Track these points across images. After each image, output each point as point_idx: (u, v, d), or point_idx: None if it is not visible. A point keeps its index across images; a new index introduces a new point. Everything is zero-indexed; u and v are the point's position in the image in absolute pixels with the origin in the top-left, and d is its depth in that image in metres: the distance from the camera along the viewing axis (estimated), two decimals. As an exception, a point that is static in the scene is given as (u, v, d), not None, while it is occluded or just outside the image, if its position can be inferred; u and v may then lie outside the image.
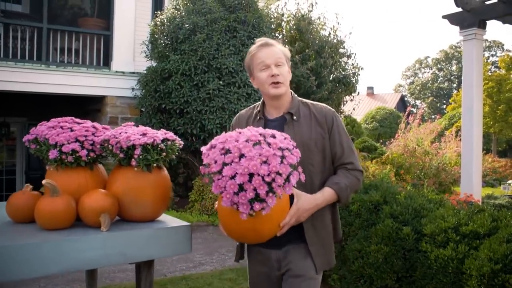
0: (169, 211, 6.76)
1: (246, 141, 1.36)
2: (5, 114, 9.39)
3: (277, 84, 1.80)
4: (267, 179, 1.29)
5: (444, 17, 6.60)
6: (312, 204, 1.68)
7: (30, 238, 1.51)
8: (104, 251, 1.58)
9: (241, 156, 1.31)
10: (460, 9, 6.31)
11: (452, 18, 6.49)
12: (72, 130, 1.75)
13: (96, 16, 8.99)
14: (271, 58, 1.80)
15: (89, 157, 1.73)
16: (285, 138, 1.47)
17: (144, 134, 1.72)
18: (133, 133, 1.71)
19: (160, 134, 1.75)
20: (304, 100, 1.91)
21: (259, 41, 1.87)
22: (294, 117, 1.81)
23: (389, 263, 3.51)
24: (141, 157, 1.67)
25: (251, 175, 1.28)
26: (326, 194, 1.73)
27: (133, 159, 1.67)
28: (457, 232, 3.28)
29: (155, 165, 1.72)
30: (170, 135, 1.78)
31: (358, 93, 9.61)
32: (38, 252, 1.47)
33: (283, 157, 1.36)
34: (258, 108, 1.90)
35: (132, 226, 1.72)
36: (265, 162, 1.31)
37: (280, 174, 1.32)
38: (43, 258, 1.47)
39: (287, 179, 1.35)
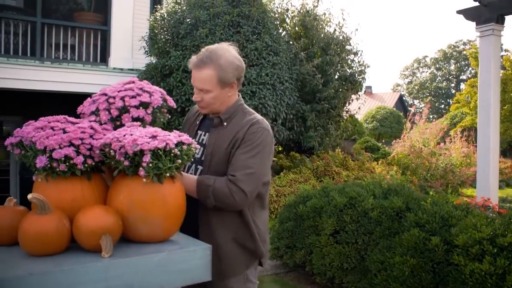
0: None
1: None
2: (-3, 113, 9.03)
3: (200, 107, 1.85)
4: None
5: (459, 12, 6.29)
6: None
7: (10, 269, 1.19)
8: (106, 283, 1.26)
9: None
10: (476, 4, 6.00)
11: (467, 13, 6.19)
12: (65, 132, 1.42)
13: (93, 10, 8.64)
14: (195, 83, 1.80)
15: (86, 165, 1.40)
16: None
17: (154, 137, 1.39)
18: (140, 135, 1.38)
19: (173, 136, 1.43)
20: (247, 109, 1.88)
21: (194, 58, 1.80)
22: (224, 123, 1.81)
23: (417, 276, 3.19)
24: (151, 165, 1.35)
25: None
26: (189, 178, 1.69)
27: (141, 168, 1.35)
28: (494, 243, 2.97)
29: (167, 174, 1.39)
30: (186, 137, 1.46)
31: (365, 91, 9.31)
32: (22, 287, 1.15)
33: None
34: None
35: (140, 249, 1.40)
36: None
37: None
38: (27, 296, 1.14)
39: None
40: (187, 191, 1.62)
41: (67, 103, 8.23)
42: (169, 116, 1.73)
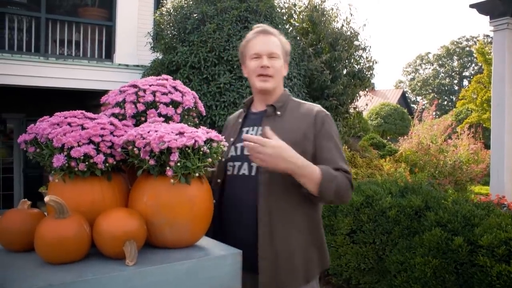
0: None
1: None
2: (1, 110, 8.93)
3: (265, 78, 1.65)
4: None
5: (472, 6, 6.15)
6: (293, 155, 1.45)
7: (27, 279, 1.07)
8: (130, 294, 1.14)
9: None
10: (491, -3, 5.87)
11: (481, 7, 6.05)
12: (83, 128, 1.30)
13: (97, 5, 8.51)
14: (265, 48, 1.65)
15: (107, 164, 1.28)
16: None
17: (181, 133, 1.27)
18: (166, 131, 1.27)
19: (201, 132, 1.31)
20: (296, 99, 1.75)
21: (257, 27, 1.72)
22: (278, 112, 1.65)
23: (439, 278, 3.08)
24: (179, 164, 1.23)
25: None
26: (309, 164, 1.48)
27: (168, 167, 1.23)
28: (521, 244, 2.86)
29: (196, 174, 1.28)
30: (215, 134, 1.34)
31: (373, 88, 9.18)
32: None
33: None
34: (245, 102, 1.81)
35: (166, 255, 1.28)
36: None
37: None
38: (47, 310, 1.03)
39: None
40: (306, 180, 1.47)
41: (71, 100, 8.14)
42: (197, 121, 1.61)
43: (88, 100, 8.33)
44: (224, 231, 1.62)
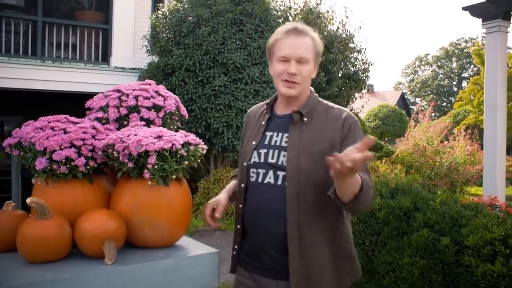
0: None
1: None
2: (-2, 113, 8.99)
3: (291, 84, 1.52)
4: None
5: (464, 8, 6.20)
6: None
7: (8, 278, 1.12)
8: (109, 292, 1.19)
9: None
10: (482, 0, 5.92)
11: (473, 10, 6.10)
12: (66, 132, 1.35)
13: (94, 9, 8.57)
14: (294, 52, 1.50)
15: (88, 167, 1.33)
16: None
17: (159, 137, 1.32)
18: (145, 135, 1.32)
19: (180, 136, 1.36)
20: (324, 101, 1.62)
21: (290, 25, 1.55)
22: (305, 118, 1.53)
23: (426, 278, 3.12)
24: (156, 166, 1.28)
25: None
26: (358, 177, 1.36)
27: (146, 170, 1.28)
28: (506, 244, 2.90)
29: (174, 176, 1.32)
30: (192, 137, 1.39)
31: (368, 89, 9.24)
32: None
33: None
34: (268, 102, 1.66)
35: (145, 255, 1.33)
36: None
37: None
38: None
39: None
40: (355, 183, 1.35)
41: (69, 102, 8.18)
42: (179, 125, 1.65)
43: (85, 102, 8.38)
44: (249, 238, 1.56)
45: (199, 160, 1.43)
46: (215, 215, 1.51)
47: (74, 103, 8.45)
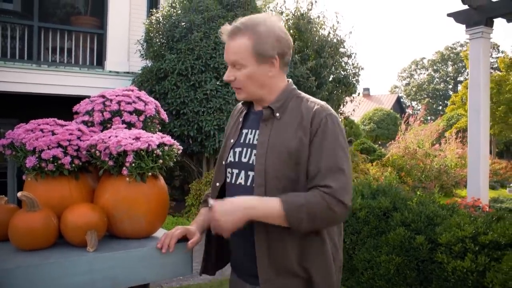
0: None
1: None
2: (-6, 115, 9.11)
3: (235, 89, 1.48)
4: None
5: (449, 15, 6.39)
6: (236, 205, 1.31)
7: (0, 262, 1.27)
8: (90, 275, 1.34)
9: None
10: (466, 7, 6.11)
11: (457, 16, 6.29)
12: (54, 134, 1.50)
13: (89, 14, 8.74)
14: (227, 56, 1.44)
15: (73, 165, 1.48)
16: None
17: (137, 138, 1.48)
18: (124, 136, 1.47)
19: (156, 138, 1.51)
20: (302, 94, 1.50)
21: (229, 26, 1.47)
22: (277, 114, 1.42)
23: (402, 274, 3.28)
24: (133, 165, 1.43)
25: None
26: (267, 202, 1.31)
27: (124, 168, 1.43)
28: (476, 242, 3.06)
29: (150, 174, 1.48)
30: (168, 139, 1.54)
31: (359, 93, 9.41)
32: (9, 279, 1.23)
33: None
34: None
35: (124, 244, 1.48)
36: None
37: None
38: (15, 286, 1.23)
39: None
40: (271, 220, 1.31)
41: (64, 106, 8.32)
42: (159, 127, 1.81)
43: (80, 106, 8.51)
44: (222, 237, 1.48)
45: (174, 159, 1.58)
46: (188, 245, 1.47)
47: (68, 106, 8.56)
